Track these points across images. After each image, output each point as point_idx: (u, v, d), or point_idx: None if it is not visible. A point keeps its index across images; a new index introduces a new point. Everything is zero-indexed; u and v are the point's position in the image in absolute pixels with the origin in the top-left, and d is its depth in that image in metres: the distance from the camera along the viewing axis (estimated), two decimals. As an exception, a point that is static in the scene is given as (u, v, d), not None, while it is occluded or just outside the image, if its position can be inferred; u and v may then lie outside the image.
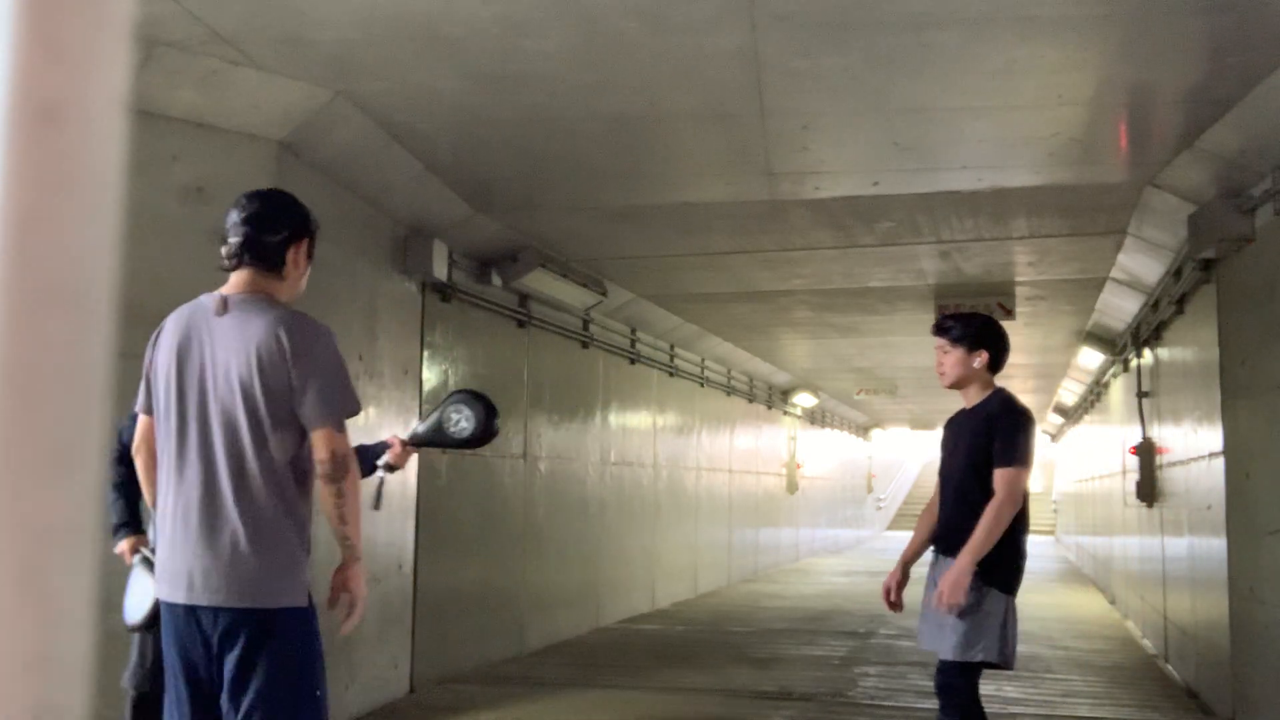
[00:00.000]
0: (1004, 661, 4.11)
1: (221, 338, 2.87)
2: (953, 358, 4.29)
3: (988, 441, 4.15)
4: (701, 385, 13.84)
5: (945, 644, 4.12)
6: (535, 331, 8.94)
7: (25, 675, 0.45)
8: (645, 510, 11.88)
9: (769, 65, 4.79)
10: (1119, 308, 10.05)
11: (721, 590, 14.47)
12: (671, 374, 12.57)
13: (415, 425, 4.02)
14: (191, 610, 2.85)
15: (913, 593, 4.37)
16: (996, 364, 4.30)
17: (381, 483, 3.98)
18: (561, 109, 5.37)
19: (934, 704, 4.36)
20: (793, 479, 19.28)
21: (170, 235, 4.93)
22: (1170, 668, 8.45)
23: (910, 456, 37.78)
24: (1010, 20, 4.35)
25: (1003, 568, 4.12)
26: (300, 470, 2.94)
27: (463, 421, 3.85)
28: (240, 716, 2.82)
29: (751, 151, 6.03)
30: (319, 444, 2.84)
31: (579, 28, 4.43)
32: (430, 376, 7.18)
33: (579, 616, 9.98)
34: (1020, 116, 5.50)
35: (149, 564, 3.71)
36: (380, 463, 3.88)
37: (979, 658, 4.06)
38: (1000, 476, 4.09)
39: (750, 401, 16.40)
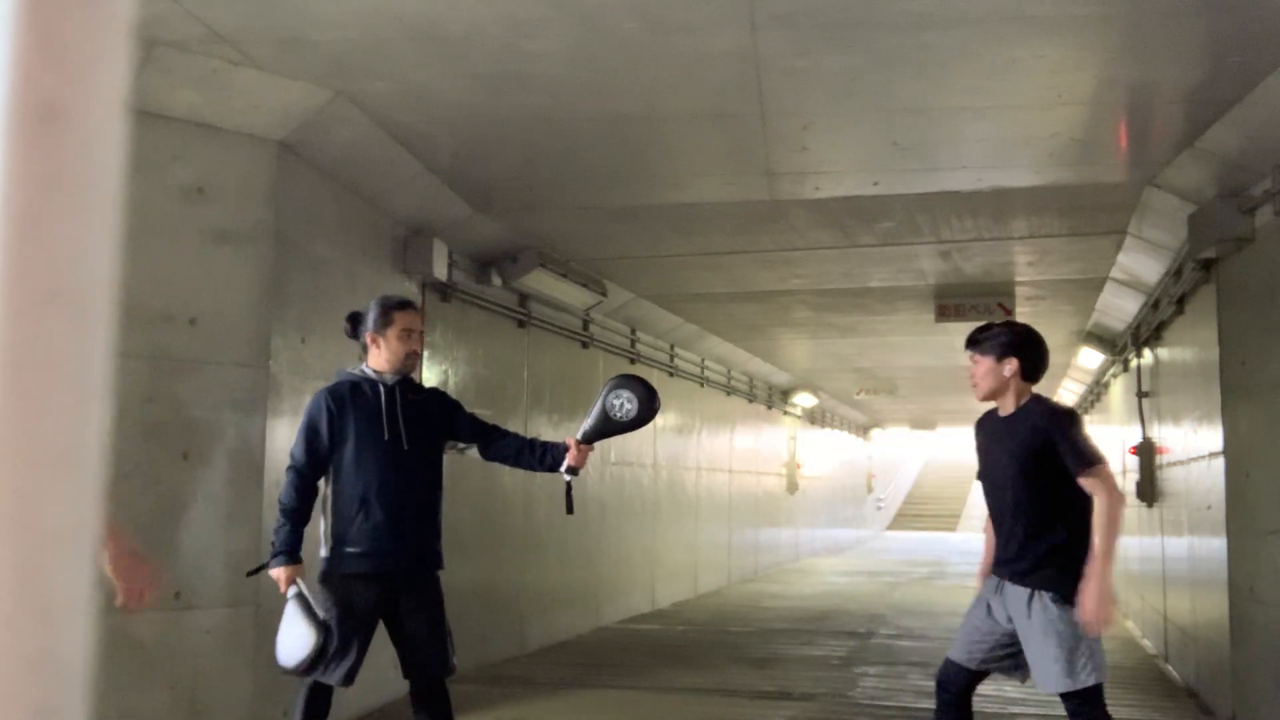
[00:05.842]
0: (1104, 677, 3.92)
1: None
2: (982, 367, 4.15)
3: (1044, 453, 3.99)
4: (701, 385, 13.84)
5: (1047, 675, 3.90)
6: (535, 331, 8.94)
7: (25, 675, 0.45)
8: (645, 510, 11.87)
9: (769, 65, 4.79)
10: (1119, 308, 10.04)
11: (721, 590, 14.47)
12: (671, 374, 12.57)
13: (584, 424, 4.18)
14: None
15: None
16: (1032, 373, 4.16)
17: (569, 486, 4.16)
18: (561, 109, 5.37)
19: (934, 704, 4.33)
20: (793, 479, 19.27)
21: (170, 235, 4.93)
22: (1170, 668, 8.45)
23: (910, 456, 37.75)
24: (1010, 20, 4.35)
25: (1074, 577, 3.93)
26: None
27: (626, 404, 4.12)
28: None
29: (751, 151, 6.03)
30: None
31: (579, 28, 4.43)
32: (430, 377, 7.17)
33: (579, 616, 9.98)
34: (1020, 116, 5.50)
35: (307, 606, 3.87)
36: (563, 469, 4.06)
37: (1092, 680, 3.85)
38: (1093, 480, 3.95)
39: (750, 401, 16.39)
